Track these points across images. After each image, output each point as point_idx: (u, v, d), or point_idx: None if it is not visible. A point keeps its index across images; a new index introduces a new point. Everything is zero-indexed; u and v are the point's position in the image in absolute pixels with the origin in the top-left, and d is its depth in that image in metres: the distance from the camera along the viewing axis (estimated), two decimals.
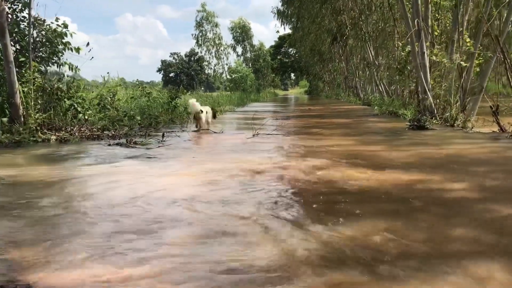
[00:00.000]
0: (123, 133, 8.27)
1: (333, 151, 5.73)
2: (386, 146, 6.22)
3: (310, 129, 9.34)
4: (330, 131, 8.70)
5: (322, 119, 12.65)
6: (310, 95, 61.53)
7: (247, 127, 9.63)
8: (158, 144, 6.80)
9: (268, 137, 7.52)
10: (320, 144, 6.51)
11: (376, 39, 17.64)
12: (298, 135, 8.04)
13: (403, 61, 12.05)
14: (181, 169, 4.64)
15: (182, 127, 10.08)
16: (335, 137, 7.53)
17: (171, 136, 7.85)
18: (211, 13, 49.51)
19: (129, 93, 11.98)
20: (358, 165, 4.65)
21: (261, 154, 5.55)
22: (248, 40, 57.29)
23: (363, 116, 13.16)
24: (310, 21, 30.72)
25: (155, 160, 5.20)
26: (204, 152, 5.98)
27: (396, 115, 12.63)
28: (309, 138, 7.50)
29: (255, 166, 4.63)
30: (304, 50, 45.26)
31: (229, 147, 6.50)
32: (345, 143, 6.64)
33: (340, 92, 34.46)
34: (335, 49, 32.56)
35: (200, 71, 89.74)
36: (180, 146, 6.63)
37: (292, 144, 6.77)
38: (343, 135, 7.83)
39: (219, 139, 7.70)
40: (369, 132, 8.31)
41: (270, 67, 62.05)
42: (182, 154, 5.78)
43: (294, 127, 9.99)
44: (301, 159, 5.12)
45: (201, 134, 8.58)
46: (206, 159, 5.31)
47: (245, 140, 7.22)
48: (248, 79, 40.27)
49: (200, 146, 6.60)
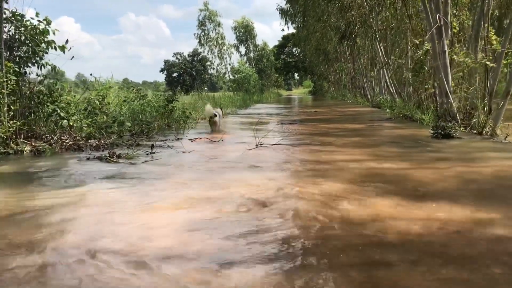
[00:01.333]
0: (110, 143, 7.33)
1: (350, 169, 4.75)
2: (414, 161, 5.24)
3: (318, 137, 8.37)
4: (341, 139, 7.72)
5: (331, 124, 11.66)
6: (314, 96, 60.47)
7: (249, 134, 8.68)
8: (146, 158, 5.86)
9: (272, 148, 6.56)
10: (333, 158, 5.54)
11: (386, 38, 16.63)
12: (305, 145, 7.07)
13: (419, 61, 11.06)
14: (163, 198, 3.67)
15: (178, 134, 9.14)
16: (348, 148, 6.56)
17: (162, 147, 6.90)
18: (213, 12, 48.53)
19: (120, 95, 11.03)
20: (387, 192, 3.68)
21: (265, 173, 4.59)
22: (251, 39, 56.44)
23: (376, 121, 12.16)
24: (315, 19, 29.72)
25: (134, 183, 4.24)
26: (197, 169, 5.02)
27: (412, 119, 11.63)
28: (318, 149, 6.53)
29: (257, 194, 3.67)
30: (309, 50, 44.25)
31: (227, 161, 5.54)
32: (362, 157, 5.66)
33: (346, 93, 33.41)
34: (341, 48, 31.56)
35: (203, 71, 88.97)
36: (170, 160, 5.67)
37: (300, 158, 5.80)
38: (358, 146, 6.85)
39: (217, 150, 6.75)
40: (388, 142, 7.33)
41: (273, 67, 61.16)
42: (170, 172, 4.83)
43: (301, 134, 9.01)
44: (313, 181, 4.15)
45: (198, 143, 7.63)
46: (197, 180, 4.35)
47: (246, 152, 6.26)
48: (251, 79, 39.34)
49: (193, 161, 5.65)
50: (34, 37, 8.13)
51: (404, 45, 14.73)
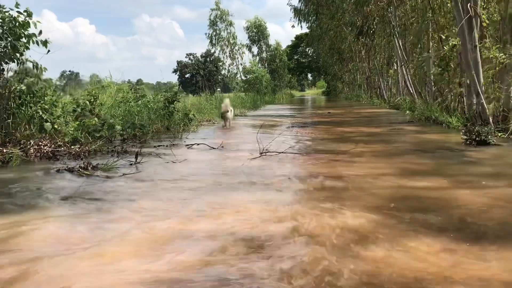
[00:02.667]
0: (93, 149, 6.41)
1: (374, 189, 3.74)
2: (452, 178, 4.19)
3: (333, 143, 7.35)
4: (360, 146, 6.68)
5: (346, 127, 10.61)
6: (328, 96, 59.28)
7: (254, 139, 7.72)
8: (128, 169, 4.92)
9: (278, 157, 5.57)
10: (352, 172, 4.53)
11: (405, 34, 15.51)
12: (318, 154, 6.04)
13: (445, 57, 9.95)
14: (122, 235, 2.69)
15: (176, 138, 8.19)
16: (369, 158, 5.53)
17: (152, 156, 5.95)
18: (225, 11, 47.50)
19: (117, 96, 10.12)
20: (428, 228, 2.67)
21: (266, 195, 3.60)
22: (264, 39, 55.32)
23: (396, 123, 11.08)
24: (329, 17, 28.63)
25: (95, 208, 3.28)
26: (182, 187, 4.05)
27: (436, 122, 10.53)
28: (333, 159, 5.50)
29: (252, 229, 2.69)
30: (323, 49, 43.13)
31: (222, 175, 4.56)
32: (387, 171, 4.64)
33: (361, 94, 32.20)
34: (356, 47, 30.40)
35: (216, 72, 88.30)
36: (154, 173, 4.71)
37: (311, 171, 4.78)
38: (380, 155, 5.82)
39: (214, 159, 5.77)
40: (415, 150, 6.26)
41: (286, 67, 60.06)
42: (147, 192, 3.86)
43: (313, 140, 7.99)
44: (328, 208, 3.15)
45: (195, 150, 6.67)
46: (178, 205, 3.37)
47: (247, 162, 5.28)
48: (264, 80, 38.32)
49: (181, 175, 4.67)
50: (13, 30, 7.26)
51: (425, 42, 13.59)
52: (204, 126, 11.31)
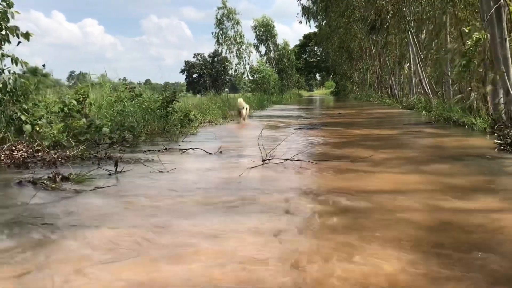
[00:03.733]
0: (73, 155, 5.63)
1: (406, 214, 2.89)
2: (502, 196, 3.32)
3: (346, 148, 6.51)
4: (377, 152, 5.82)
5: (359, 128, 9.74)
6: (336, 96, 58.29)
7: (257, 143, 6.91)
8: (104, 181, 4.13)
9: (283, 166, 4.74)
10: (371, 187, 3.68)
11: (420, 29, 14.60)
12: (330, 161, 5.18)
13: (468, 53, 9.05)
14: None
15: (172, 142, 7.40)
16: (391, 167, 4.68)
17: (138, 163, 5.15)
18: (232, 10, 46.75)
19: (104, 95, 9.36)
20: (488, 282, 1.83)
21: (262, 222, 2.78)
22: (271, 39, 54.46)
23: (412, 125, 10.21)
24: (338, 15, 27.74)
25: (35, 242, 2.48)
26: (161, 207, 3.24)
27: (456, 123, 9.64)
28: (347, 168, 4.65)
29: (239, 281, 1.87)
30: (331, 47, 42.16)
31: (213, 191, 3.74)
32: (414, 186, 3.78)
33: (372, 93, 31.22)
34: (368, 44, 29.45)
35: (223, 72, 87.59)
36: (132, 188, 3.91)
37: (321, 185, 3.95)
38: (404, 163, 4.96)
39: (207, 168, 4.94)
40: (443, 157, 5.38)
41: (294, 67, 59.14)
42: (115, 214, 3.05)
43: (323, 143, 7.16)
44: (347, 246, 2.32)
45: (189, 156, 5.87)
46: (148, 235, 2.56)
47: (246, 171, 4.46)
48: (271, 79, 37.47)
49: (164, 188, 3.86)
50: None
51: (443, 37, 12.68)
52: (205, 127, 10.52)
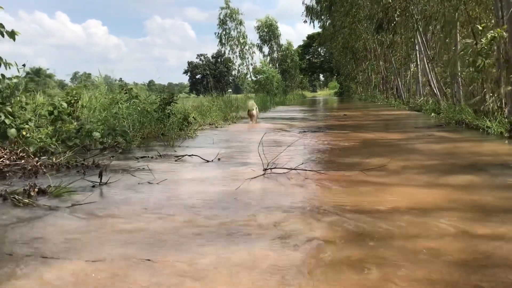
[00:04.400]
0: (57, 162, 5.16)
1: (432, 243, 2.39)
2: None
3: (355, 154, 6.01)
4: (389, 159, 5.32)
5: (367, 132, 9.23)
6: (340, 97, 57.74)
7: (256, 151, 6.43)
8: (85, 194, 3.66)
9: (286, 177, 4.25)
10: (390, 206, 3.18)
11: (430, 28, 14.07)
12: (338, 171, 4.68)
13: (484, 52, 8.54)
14: None
15: (168, 146, 6.93)
16: (408, 179, 4.18)
17: (128, 172, 4.68)
18: (235, 10, 46.22)
19: (97, 97, 8.90)
20: None
21: (257, 254, 2.29)
22: (275, 39, 53.94)
23: (422, 128, 9.69)
24: (343, 14, 27.24)
25: None
26: (140, 230, 2.75)
27: (469, 126, 9.13)
28: (358, 180, 4.15)
29: None
30: (335, 48, 41.63)
31: (204, 210, 3.24)
32: (441, 203, 3.28)
33: (377, 94, 30.66)
34: (373, 45, 28.90)
35: (227, 72, 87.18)
36: (112, 204, 3.42)
37: (331, 203, 3.43)
38: (422, 173, 4.46)
39: (202, 178, 4.45)
40: (461, 166, 4.86)
41: (298, 67, 58.64)
42: (80, 243, 2.56)
43: (330, 149, 6.66)
44: None
45: (183, 164, 5.39)
46: (115, 270, 2.08)
47: (245, 183, 3.97)
48: (274, 80, 36.97)
49: (148, 207, 3.38)
50: None
51: (453, 36, 12.15)
52: (205, 130, 10.05)
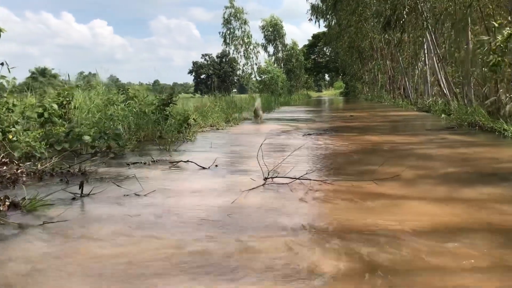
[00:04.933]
0: (42, 170, 4.76)
1: (464, 279, 1.96)
2: None
3: (364, 160, 5.56)
4: (402, 167, 4.87)
5: (375, 134, 8.76)
6: (346, 97, 57.15)
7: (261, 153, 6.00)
8: (68, 207, 3.25)
9: (289, 187, 3.82)
10: (406, 226, 2.74)
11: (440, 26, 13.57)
12: (347, 181, 4.22)
13: (499, 50, 8.07)
14: None
15: (165, 151, 6.51)
16: (426, 191, 3.72)
17: (116, 181, 4.26)
18: (239, 9, 45.82)
19: (92, 98, 8.49)
20: None
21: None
22: (280, 39, 53.50)
23: (433, 130, 9.22)
24: (349, 13, 26.74)
25: None
26: (117, 259, 2.33)
27: (482, 129, 8.67)
28: (371, 195, 3.70)
29: None
30: (341, 47, 41.08)
31: (194, 233, 2.80)
32: (465, 224, 2.84)
33: (384, 94, 30.11)
34: (379, 44, 28.37)
35: (231, 72, 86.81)
36: (91, 221, 3.01)
37: (338, 223, 2.98)
38: (437, 183, 4.01)
39: (196, 189, 4.02)
40: (482, 174, 4.40)
41: (303, 67, 58.14)
42: (49, 273, 2.14)
43: (337, 154, 6.21)
44: None
45: (178, 171, 4.96)
46: None
47: (242, 196, 3.54)
48: (279, 80, 36.53)
49: (127, 227, 2.95)
50: None
51: (465, 34, 11.66)
52: (206, 132, 9.63)
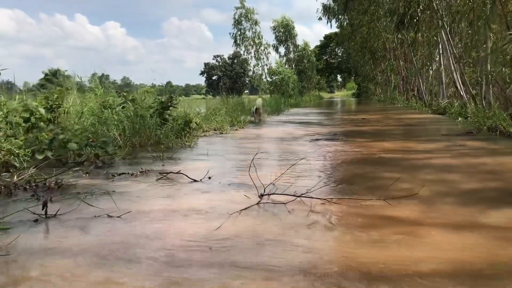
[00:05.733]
0: (15, 183, 4.26)
1: None
2: None
3: (375, 174, 4.95)
4: (420, 181, 4.27)
5: (389, 140, 8.13)
6: (358, 98, 56.34)
7: (261, 162, 5.43)
8: (29, 230, 2.73)
9: (286, 211, 3.25)
10: (426, 270, 2.16)
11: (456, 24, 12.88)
12: (357, 200, 3.62)
13: None
14: None
15: (158, 159, 5.99)
16: (446, 215, 3.11)
17: (85, 200, 3.74)
18: (250, 10, 45.30)
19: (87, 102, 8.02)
20: None
21: None
22: (291, 39, 52.89)
23: (451, 135, 8.56)
24: (361, 12, 26.06)
25: None
26: None
27: (505, 134, 8.01)
28: (383, 221, 3.11)
29: None
30: (353, 48, 40.36)
31: (158, 281, 2.27)
32: (503, 264, 2.25)
33: (397, 96, 29.33)
34: (391, 44, 27.63)
35: (243, 73, 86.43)
36: (37, 257, 2.47)
37: (346, 262, 2.41)
38: (461, 203, 3.41)
39: (179, 209, 3.47)
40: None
41: (315, 68, 57.48)
42: None
43: (344, 165, 5.60)
44: None
45: (164, 185, 4.42)
46: None
47: (229, 220, 2.99)
48: (290, 81, 35.93)
49: (87, 264, 2.43)
50: None
51: (484, 32, 10.97)
52: (208, 137, 9.10)
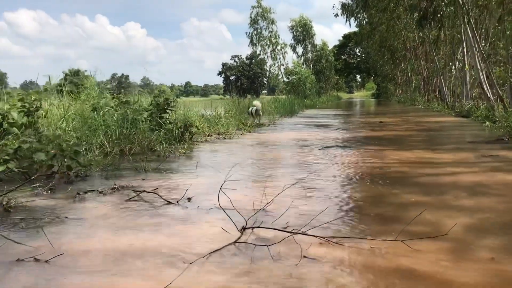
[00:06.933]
0: None
1: None
2: None
3: (389, 197, 4.08)
4: (446, 210, 3.42)
5: (408, 149, 7.22)
6: (378, 99, 55.02)
7: (256, 178, 4.63)
8: None
9: (269, 257, 2.44)
10: None
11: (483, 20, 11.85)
12: (359, 241, 2.78)
13: None
14: None
15: (139, 172, 5.25)
16: (485, 275, 2.28)
17: (35, 226, 3.01)
18: (267, 9, 44.52)
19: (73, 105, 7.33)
20: None
21: None
22: (309, 39, 51.93)
23: (479, 143, 7.62)
24: (380, 10, 25.01)
25: None
26: None
27: None
28: (400, 280, 2.30)
29: None
30: (372, 47, 39.19)
31: None
32: None
33: (417, 97, 28.14)
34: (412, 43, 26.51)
35: (261, 73, 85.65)
36: None
37: None
38: (503, 245, 2.56)
39: (132, 249, 2.68)
40: None
41: (333, 68, 56.37)
42: None
43: (351, 183, 4.73)
44: None
45: (136, 208, 3.65)
46: None
47: (196, 267, 2.20)
48: (307, 81, 34.99)
49: None
50: None
51: None
52: (210, 142, 8.34)
